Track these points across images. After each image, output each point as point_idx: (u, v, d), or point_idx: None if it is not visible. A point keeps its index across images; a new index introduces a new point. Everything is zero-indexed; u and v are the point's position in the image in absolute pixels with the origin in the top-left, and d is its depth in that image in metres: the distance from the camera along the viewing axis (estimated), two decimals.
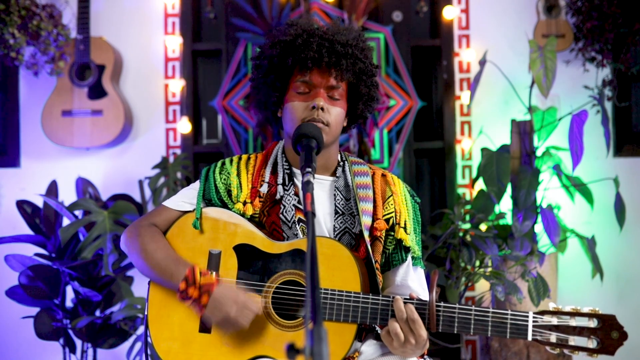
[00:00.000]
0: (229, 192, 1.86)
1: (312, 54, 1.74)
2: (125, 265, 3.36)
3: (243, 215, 1.82)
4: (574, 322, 1.57)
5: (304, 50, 1.75)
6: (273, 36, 1.83)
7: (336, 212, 1.83)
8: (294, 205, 1.82)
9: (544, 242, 3.52)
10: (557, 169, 3.52)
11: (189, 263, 1.74)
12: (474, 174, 3.80)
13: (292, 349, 1.00)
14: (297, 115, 1.78)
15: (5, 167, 3.88)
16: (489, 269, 3.09)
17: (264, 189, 1.84)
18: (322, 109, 1.76)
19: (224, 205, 1.85)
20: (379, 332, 1.77)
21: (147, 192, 3.74)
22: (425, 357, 1.78)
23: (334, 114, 1.79)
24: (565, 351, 1.57)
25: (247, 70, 3.80)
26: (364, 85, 1.83)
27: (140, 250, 1.79)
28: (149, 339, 1.78)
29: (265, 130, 3.72)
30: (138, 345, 3.28)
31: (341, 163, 1.91)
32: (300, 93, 1.79)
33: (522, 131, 3.46)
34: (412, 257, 1.86)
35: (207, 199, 1.87)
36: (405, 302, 1.64)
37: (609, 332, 1.55)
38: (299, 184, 1.84)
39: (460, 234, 3.24)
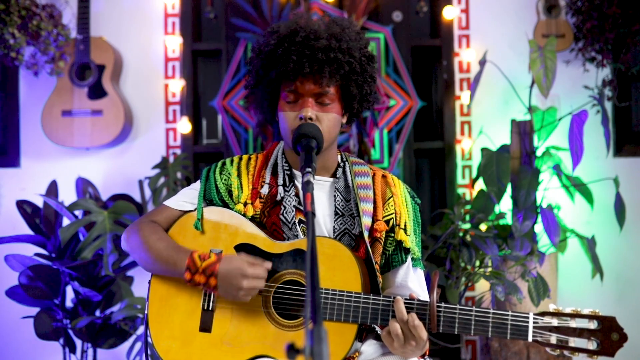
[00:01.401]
0: (229, 193, 1.86)
1: (293, 65, 1.71)
2: (125, 265, 3.36)
3: (244, 215, 1.82)
4: (574, 323, 1.57)
5: (285, 62, 1.72)
6: (259, 43, 1.81)
7: (336, 213, 1.83)
8: (294, 206, 1.82)
9: (544, 242, 3.52)
10: (557, 169, 3.52)
11: (189, 250, 1.74)
12: (474, 174, 3.80)
13: (292, 349, 1.00)
14: (288, 125, 1.77)
15: (5, 167, 3.88)
16: (489, 269, 3.09)
17: (264, 190, 1.84)
18: (311, 118, 1.74)
19: (225, 206, 1.85)
20: (379, 332, 1.77)
21: (147, 192, 3.74)
22: (426, 357, 1.78)
23: (326, 120, 1.76)
24: (565, 352, 1.57)
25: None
26: (354, 84, 1.79)
27: (142, 243, 1.80)
28: (149, 339, 1.79)
29: (265, 130, 3.72)
30: (138, 345, 3.28)
31: (341, 164, 1.90)
32: (289, 102, 1.77)
33: (522, 131, 3.46)
34: (412, 259, 1.86)
35: (208, 199, 1.87)
36: (406, 305, 1.64)
37: (609, 333, 1.55)
38: (299, 185, 1.84)
39: (460, 234, 3.24)
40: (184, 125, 3.82)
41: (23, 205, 3.35)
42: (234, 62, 3.80)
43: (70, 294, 3.44)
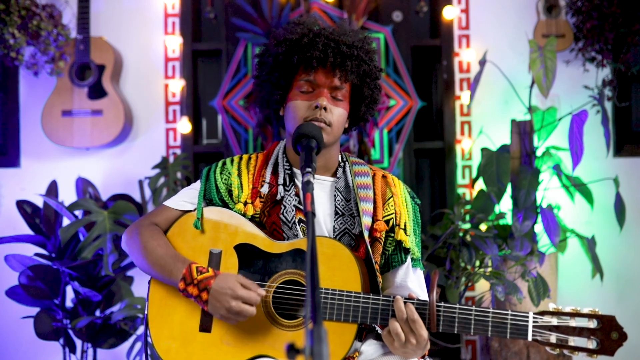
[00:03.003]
0: (229, 192, 1.86)
1: (318, 53, 1.75)
2: (125, 265, 3.36)
3: (244, 215, 1.82)
4: (573, 322, 1.57)
5: (309, 49, 1.76)
6: (279, 34, 1.83)
7: (336, 213, 1.83)
8: (294, 205, 1.82)
9: (544, 242, 3.52)
10: (557, 169, 3.52)
11: (187, 260, 1.75)
12: (474, 174, 3.80)
13: (292, 349, 1.00)
14: (299, 114, 1.78)
15: (5, 167, 3.88)
16: (489, 269, 3.09)
17: (264, 189, 1.84)
18: (325, 108, 1.76)
19: (225, 205, 1.85)
20: (379, 332, 1.77)
21: (147, 192, 3.74)
22: (426, 357, 1.78)
23: (337, 114, 1.79)
24: (565, 351, 1.57)
25: (247, 70, 3.80)
26: (367, 87, 1.84)
27: (141, 247, 1.80)
28: (149, 339, 1.79)
29: (265, 130, 3.72)
30: (138, 345, 3.28)
31: (342, 164, 1.91)
32: (303, 92, 1.79)
33: (522, 131, 3.46)
34: (412, 259, 1.86)
35: (208, 199, 1.87)
36: (405, 302, 1.64)
37: (608, 332, 1.55)
38: (300, 185, 1.84)
39: (460, 234, 3.24)
40: (184, 125, 3.82)
41: (23, 205, 3.36)
42: (234, 62, 3.80)
43: (70, 294, 3.44)
